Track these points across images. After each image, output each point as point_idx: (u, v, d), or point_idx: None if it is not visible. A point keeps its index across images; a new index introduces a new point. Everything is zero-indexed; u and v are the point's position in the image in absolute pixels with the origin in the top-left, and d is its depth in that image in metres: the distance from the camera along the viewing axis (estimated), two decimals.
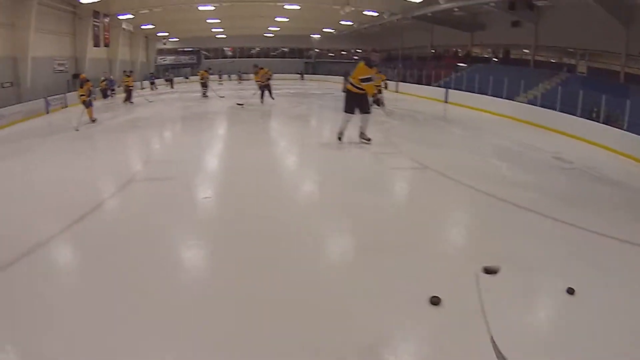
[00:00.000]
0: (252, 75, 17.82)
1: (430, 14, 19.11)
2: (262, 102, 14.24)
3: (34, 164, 6.90)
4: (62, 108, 15.48)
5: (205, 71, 19.00)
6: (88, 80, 11.75)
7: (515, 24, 17.02)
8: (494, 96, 13.76)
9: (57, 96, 15.67)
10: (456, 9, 18.11)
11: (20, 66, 14.92)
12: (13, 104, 12.97)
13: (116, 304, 2.67)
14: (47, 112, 15.12)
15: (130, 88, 17.19)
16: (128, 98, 16.95)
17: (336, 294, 2.79)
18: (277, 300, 2.70)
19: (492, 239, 3.75)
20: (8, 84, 13.94)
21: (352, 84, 6.94)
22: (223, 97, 17.40)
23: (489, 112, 13.41)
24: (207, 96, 17.74)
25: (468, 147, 7.53)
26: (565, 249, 3.56)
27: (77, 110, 11.39)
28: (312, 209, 4.59)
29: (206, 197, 4.95)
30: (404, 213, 4.62)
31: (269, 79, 14.33)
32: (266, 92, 14.40)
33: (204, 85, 18.00)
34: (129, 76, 17.36)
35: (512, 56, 19.16)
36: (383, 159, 6.78)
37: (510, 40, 18.43)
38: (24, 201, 4.82)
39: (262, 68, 14.49)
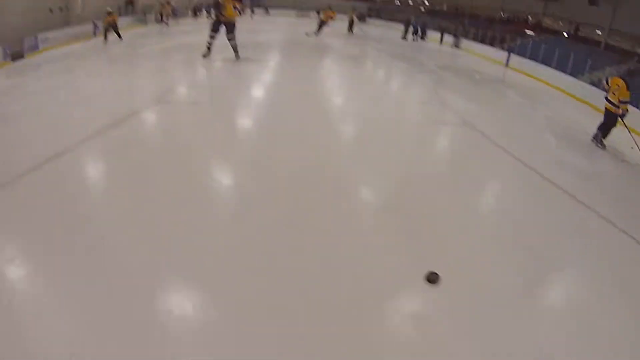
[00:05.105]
0: None
1: None
2: None
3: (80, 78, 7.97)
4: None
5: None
6: None
7: (592, 1, 16.04)
8: (556, 69, 12.99)
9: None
10: None
11: None
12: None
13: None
14: (95, 35, 15.13)
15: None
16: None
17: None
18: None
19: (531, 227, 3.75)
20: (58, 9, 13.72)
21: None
22: None
23: (549, 85, 12.71)
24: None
25: (520, 114, 7.66)
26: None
27: None
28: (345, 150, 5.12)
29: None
30: (439, 172, 4.78)
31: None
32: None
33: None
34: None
35: (581, 34, 18.22)
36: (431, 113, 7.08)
37: (585, 18, 17.24)
38: (70, 106, 5.95)
39: None
